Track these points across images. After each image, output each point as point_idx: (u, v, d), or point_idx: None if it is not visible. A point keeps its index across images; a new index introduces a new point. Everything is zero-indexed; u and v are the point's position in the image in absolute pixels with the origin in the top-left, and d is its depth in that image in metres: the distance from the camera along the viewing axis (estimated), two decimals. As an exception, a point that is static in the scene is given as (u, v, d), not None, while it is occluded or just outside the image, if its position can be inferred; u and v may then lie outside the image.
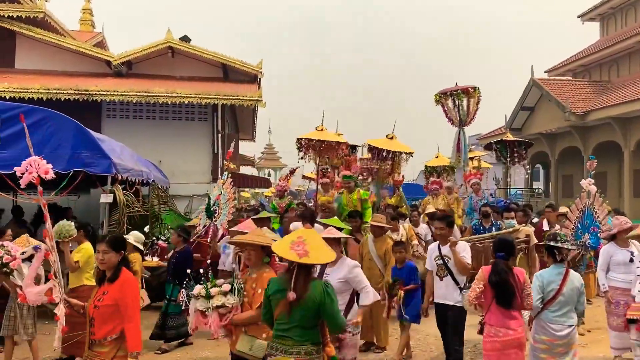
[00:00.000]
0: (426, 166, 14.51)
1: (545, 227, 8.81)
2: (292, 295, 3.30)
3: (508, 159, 12.71)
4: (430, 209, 10.42)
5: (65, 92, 12.60)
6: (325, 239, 4.55)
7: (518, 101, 25.09)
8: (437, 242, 5.65)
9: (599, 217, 6.42)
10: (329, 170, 11.42)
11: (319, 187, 10.07)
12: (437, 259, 5.51)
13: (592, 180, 6.65)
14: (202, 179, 14.33)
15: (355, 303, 4.86)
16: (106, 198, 7.73)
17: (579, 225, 6.56)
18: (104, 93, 12.84)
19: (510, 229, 7.49)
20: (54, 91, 12.57)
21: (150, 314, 7.20)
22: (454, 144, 12.32)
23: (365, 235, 7.21)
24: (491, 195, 11.73)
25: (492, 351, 4.36)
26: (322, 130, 10.30)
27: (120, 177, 7.98)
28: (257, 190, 28.34)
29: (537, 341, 4.70)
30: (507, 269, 4.40)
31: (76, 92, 12.64)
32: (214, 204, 7.21)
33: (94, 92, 12.75)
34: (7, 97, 11.81)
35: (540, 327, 4.68)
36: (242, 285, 3.84)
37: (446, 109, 12.15)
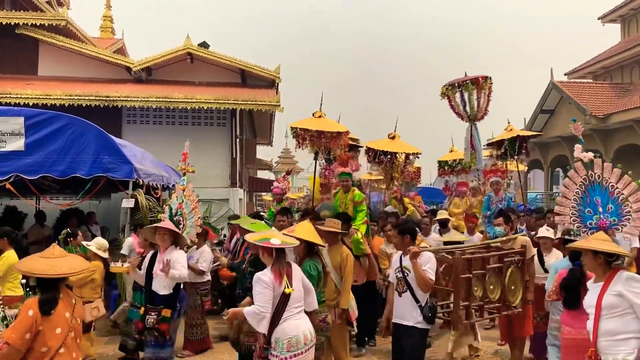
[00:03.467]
0: (439, 161, 13.48)
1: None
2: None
3: (516, 157, 11.15)
4: (443, 214, 9.45)
5: (86, 98, 12.79)
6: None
7: (537, 104, 24.83)
8: (401, 252, 5.03)
9: (623, 194, 4.90)
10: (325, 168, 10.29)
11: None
12: (397, 270, 4.89)
13: (580, 147, 5.13)
14: (220, 183, 14.42)
15: (286, 321, 4.12)
16: (128, 203, 7.81)
17: (582, 205, 5.08)
18: (124, 99, 13.01)
19: (504, 238, 6.38)
20: (76, 97, 12.76)
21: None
22: (467, 142, 10.80)
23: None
24: (510, 199, 11.02)
25: (564, 347, 4.61)
26: (320, 117, 9.08)
27: (141, 182, 8.07)
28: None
29: (553, 321, 5.44)
30: (581, 276, 4.60)
31: (97, 98, 12.83)
32: (176, 214, 6.64)
33: (115, 98, 12.93)
34: (31, 104, 12.01)
35: (555, 309, 5.34)
36: (4, 313, 3.33)
37: (453, 103, 10.62)
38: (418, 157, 11.02)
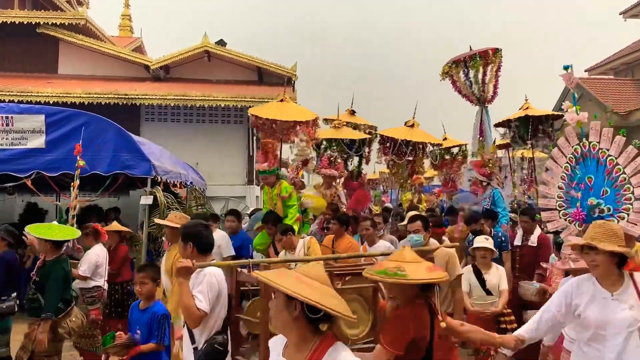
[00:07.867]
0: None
1: (518, 241, 6.54)
2: None
3: (528, 141, 9.51)
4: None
5: (105, 96, 12.92)
6: None
7: (557, 101, 24.47)
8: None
9: (625, 174, 3.49)
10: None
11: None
12: None
13: (570, 104, 3.92)
14: (237, 180, 14.49)
15: None
16: (146, 200, 7.86)
17: (570, 186, 3.69)
18: (143, 97, 13.12)
19: (429, 248, 4.55)
20: (95, 96, 12.90)
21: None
22: (475, 128, 9.17)
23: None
24: (497, 194, 8.95)
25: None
26: (282, 100, 7.91)
27: (159, 179, 8.13)
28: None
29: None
30: None
31: (116, 96, 12.95)
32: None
33: (133, 96, 13.04)
34: (52, 102, 12.17)
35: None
36: None
37: (458, 83, 9.00)
38: (438, 148, 10.41)
